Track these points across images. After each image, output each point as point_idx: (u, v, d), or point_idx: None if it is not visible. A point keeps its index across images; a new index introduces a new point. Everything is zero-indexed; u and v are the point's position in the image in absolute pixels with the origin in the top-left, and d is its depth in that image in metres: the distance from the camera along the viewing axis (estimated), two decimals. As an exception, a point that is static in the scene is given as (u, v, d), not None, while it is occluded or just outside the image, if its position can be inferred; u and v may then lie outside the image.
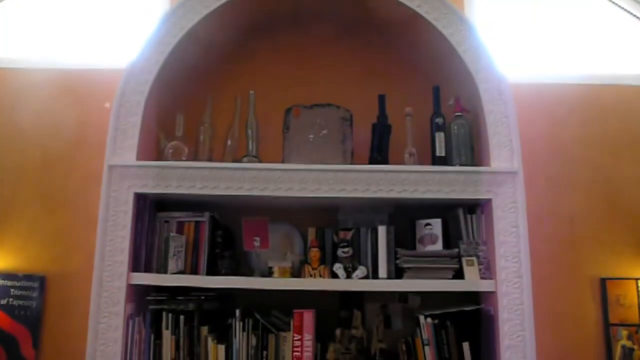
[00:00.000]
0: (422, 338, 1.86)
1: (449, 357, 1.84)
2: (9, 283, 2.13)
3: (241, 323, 1.86)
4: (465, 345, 1.84)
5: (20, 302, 2.12)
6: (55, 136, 2.27)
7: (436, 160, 1.99)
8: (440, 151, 2.00)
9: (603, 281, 2.14)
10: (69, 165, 2.24)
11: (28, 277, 2.14)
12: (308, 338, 1.85)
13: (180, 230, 1.99)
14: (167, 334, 1.86)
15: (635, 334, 2.10)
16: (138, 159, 1.92)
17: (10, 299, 2.12)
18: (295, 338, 1.85)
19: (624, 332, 2.11)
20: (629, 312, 2.13)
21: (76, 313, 2.06)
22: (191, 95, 2.21)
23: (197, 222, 2.00)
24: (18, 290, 2.13)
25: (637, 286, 2.14)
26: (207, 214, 2.00)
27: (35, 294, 2.13)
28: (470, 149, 2.00)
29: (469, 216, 1.98)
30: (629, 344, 2.10)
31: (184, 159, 2.01)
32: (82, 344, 1.80)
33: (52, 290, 2.14)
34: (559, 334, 2.10)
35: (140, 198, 1.93)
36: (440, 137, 2.01)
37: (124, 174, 1.90)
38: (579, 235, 2.20)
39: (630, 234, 2.20)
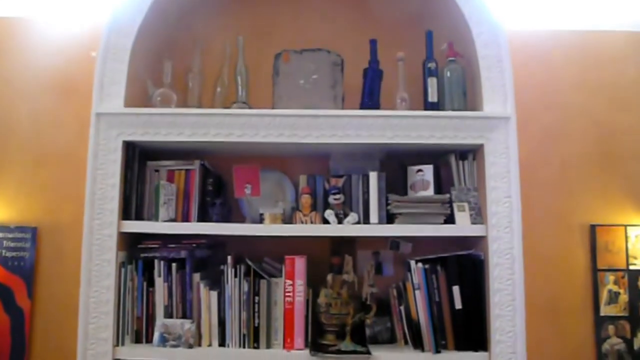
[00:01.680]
0: (412, 282, 1.88)
1: (439, 301, 1.87)
2: (1, 235, 2.13)
3: (233, 270, 1.87)
4: (456, 289, 1.87)
5: (14, 254, 2.12)
6: (42, 87, 2.23)
7: (428, 106, 1.97)
8: (432, 96, 1.97)
9: (593, 227, 2.16)
10: (57, 116, 2.21)
11: (20, 228, 2.14)
12: (300, 283, 1.87)
13: (170, 179, 1.97)
14: (159, 281, 1.88)
15: (621, 278, 2.14)
16: (126, 106, 1.88)
17: (4, 251, 2.12)
18: (287, 283, 1.87)
19: (611, 277, 2.14)
20: (617, 257, 2.15)
21: (69, 262, 2.07)
22: (179, 41, 2.16)
23: (187, 171, 1.98)
24: (11, 241, 2.13)
25: (626, 233, 2.16)
26: (197, 162, 1.98)
27: (28, 245, 2.13)
28: (462, 94, 1.97)
29: (460, 162, 1.97)
30: (615, 288, 2.13)
31: (172, 106, 1.97)
32: (76, 292, 1.81)
33: (44, 241, 2.15)
34: (548, 279, 2.13)
35: (129, 146, 1.91)
36: (432, 82, 1.98)
37: (112, 122, 1.87)
38: (570, 181, 2.20)
39: (622, 181, 2.20)
